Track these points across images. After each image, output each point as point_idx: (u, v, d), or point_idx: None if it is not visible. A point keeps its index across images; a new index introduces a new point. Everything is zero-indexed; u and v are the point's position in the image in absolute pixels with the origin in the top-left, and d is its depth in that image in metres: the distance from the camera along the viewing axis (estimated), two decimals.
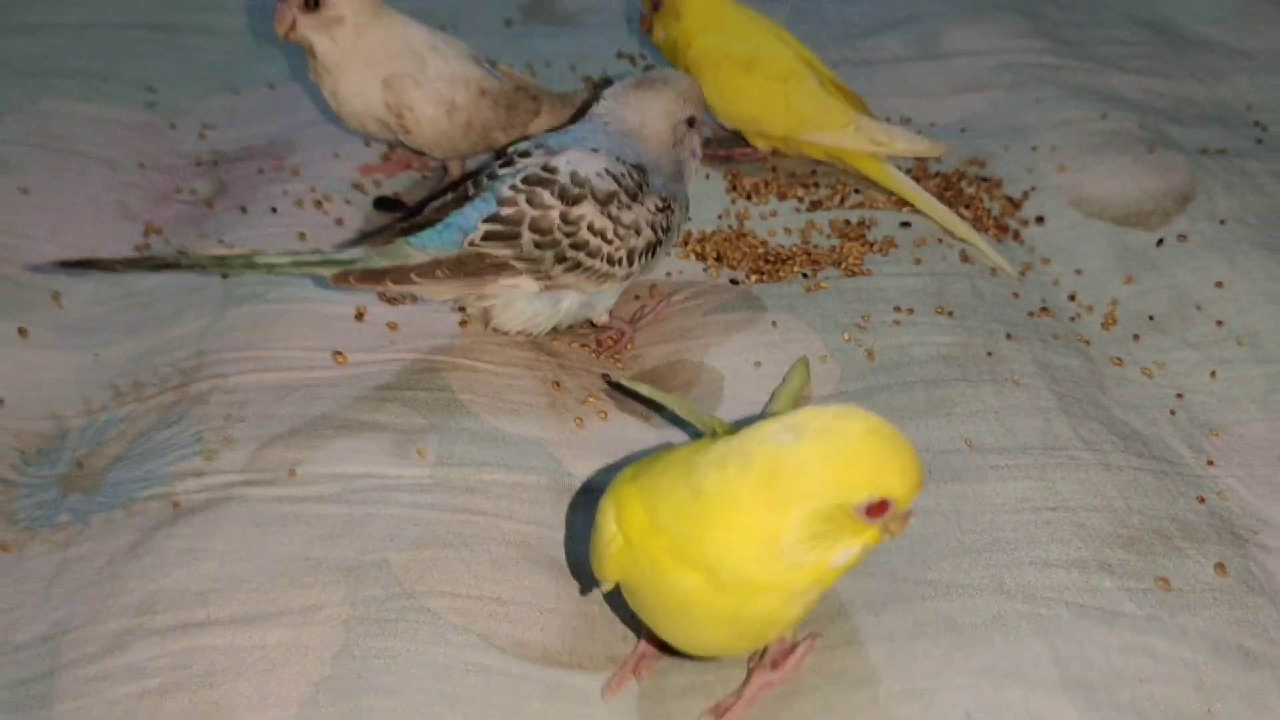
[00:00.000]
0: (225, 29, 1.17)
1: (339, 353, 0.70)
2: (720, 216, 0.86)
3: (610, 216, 0.67)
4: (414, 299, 0.75)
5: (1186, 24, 1.21)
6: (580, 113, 0.89)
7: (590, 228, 0.66)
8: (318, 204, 0.87)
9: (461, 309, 0.74)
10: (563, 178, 0.66)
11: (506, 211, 0.66)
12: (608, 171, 0.67)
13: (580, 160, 0.67)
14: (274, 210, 0.86)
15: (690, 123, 0.73)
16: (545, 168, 0.67)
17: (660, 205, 0.70)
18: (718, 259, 0.82)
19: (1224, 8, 1.23)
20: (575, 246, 0.66)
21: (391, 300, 0.75)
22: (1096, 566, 0.56)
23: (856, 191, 0.89)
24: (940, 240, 0.84)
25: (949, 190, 0.90)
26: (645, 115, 0.72)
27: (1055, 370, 0.71)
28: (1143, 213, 0.87)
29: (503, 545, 0.59)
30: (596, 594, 0.57)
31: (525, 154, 0.69)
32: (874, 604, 0.55)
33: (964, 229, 0.84)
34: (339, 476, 0.61)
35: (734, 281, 0.79)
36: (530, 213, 0.65)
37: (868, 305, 0.76)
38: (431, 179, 0.92)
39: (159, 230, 0.86)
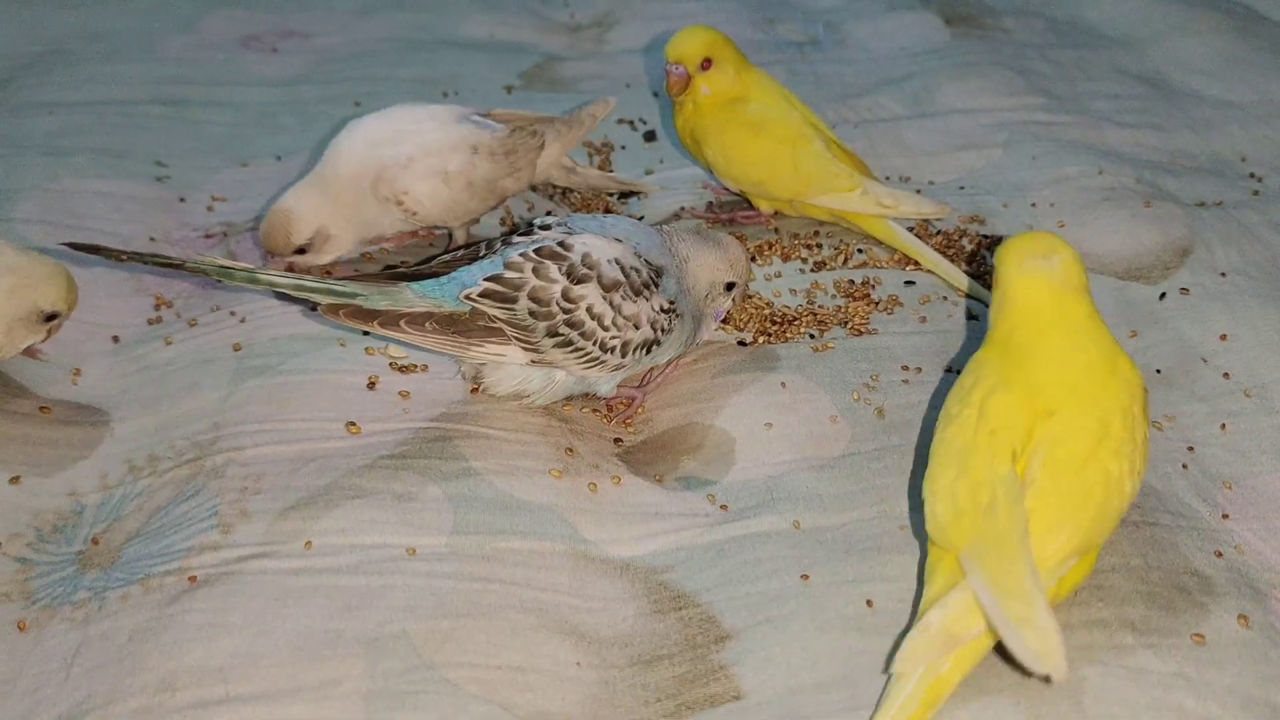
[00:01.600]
0: (232, 102, 1.18)
1: (352, 423, 0.70)
2: None
3: (612, 304, 0.68)
4: (425, 368, 0.76)
5: (1176, 76, 1.23)
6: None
7: (589, 310, 0.67)
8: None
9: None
10: (574, 256, 0.68)
11: (510, 275, 0.67)
12: (618, 261, 0.69)
13: (595, 245, 0.69)
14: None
15: (728, 287, 0.76)
16: (560, 244, 0.68)
17: (666, 307, 0.70)
18: (725, 320, 0.82)
19: (1212, 59, 1.26)
20: (570, 325, 0.67)
21: (403, 369, 0.76)
22: (1119, 625, 0.56)
23: (860, 251, 0.90)
24: (945, 298, 0.85)
25: (951, 248, 0.91)
26: (694, 255, 0.74)
27: None
28: (1143, 267, 0.88)
29: (521, 613, 0.59)
30: (617, 660, 0.57)
31: (546, 227, 0.71)
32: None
33: (969, 284, 0.85)
34: (355, 547, 0.61)
35: (741, 343, 0.80)
36: (533, 281, 0.67)
37: (876, 364, 0.76)
38: (439, 245, 0.93)
39: (170, 304, 0.87)
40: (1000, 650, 0.52)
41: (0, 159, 1.03)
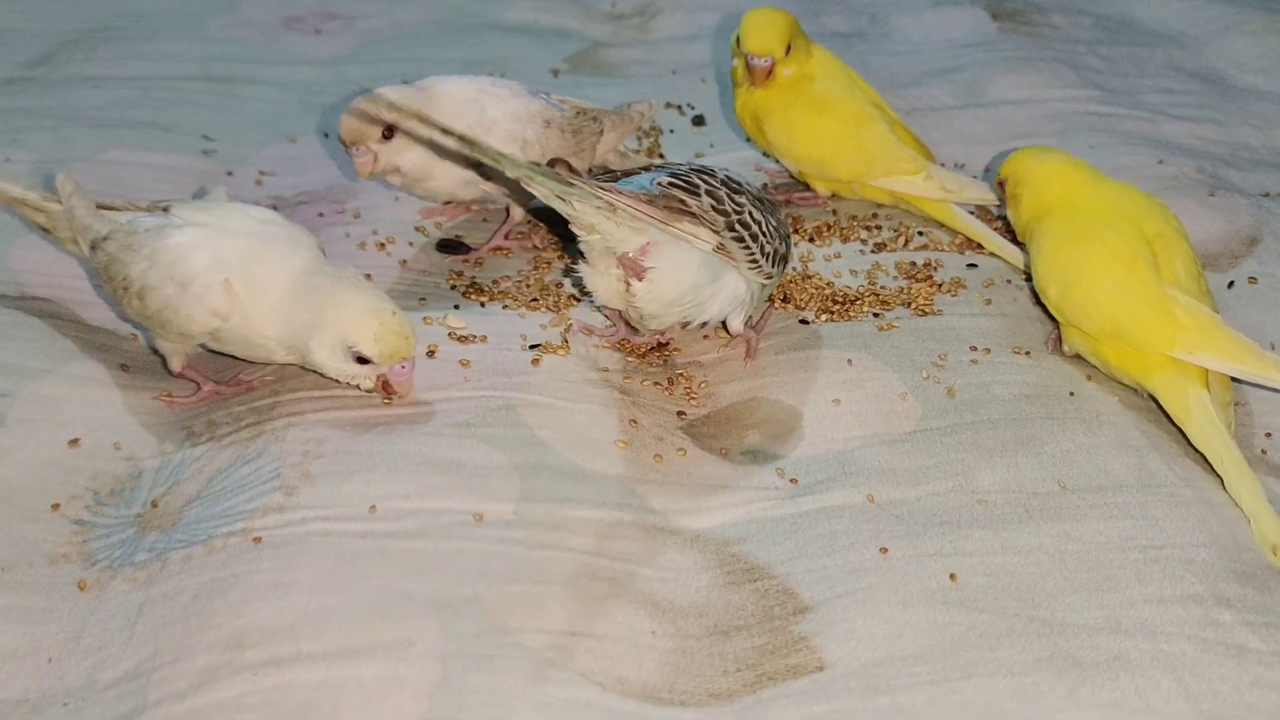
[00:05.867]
0: (278, 80, 1.18)
1: (387, 399, 0.69)
2: None
3: (762, 211, 0.72)
4: (484, 338, 0.74)
5: (1232, 74, 1.22)
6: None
7: (750, 214, 0.71)
8: (380, 246, 0.87)
9: (536, 345, 0.74)
10: (720, 174, 0.72)
11: (684, 177, 0.70)
12: (749, 185, 0.73)
13: (728, 172, 0.73)
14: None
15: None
16: (704, 167, 0.72)
17: (787, 233, 0.75)
18: (785, 299, 0.81)
19: (1268, 58, 1.24)
20: (741, 223, 0.70)
21: (462, 339, 0.75)
22: (1214, 601, 0.54)
23: (920, 234, 0.89)
24: (1009, 281, 0.83)
25: (1011, 232, 0.89)
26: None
27: (1140, 410, 0.70)
28: (1210, 255, 0.86)
29: (594, 581, 0.57)
30: (694, 630, 0.56)
31: (677, 164, 0.74)
32: (988, 639, 0.53)
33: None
34: (421, 512, 0.60)
35: (804, 321, 0.78)
36: (703, 184, 0.70)
37: (943, 345, 0.75)
38: (492, 219, 0.92)
39: None
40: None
41: (48, 130, 1.03)
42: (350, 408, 0.68)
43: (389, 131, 0.79)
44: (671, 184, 0.69)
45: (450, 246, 0.87)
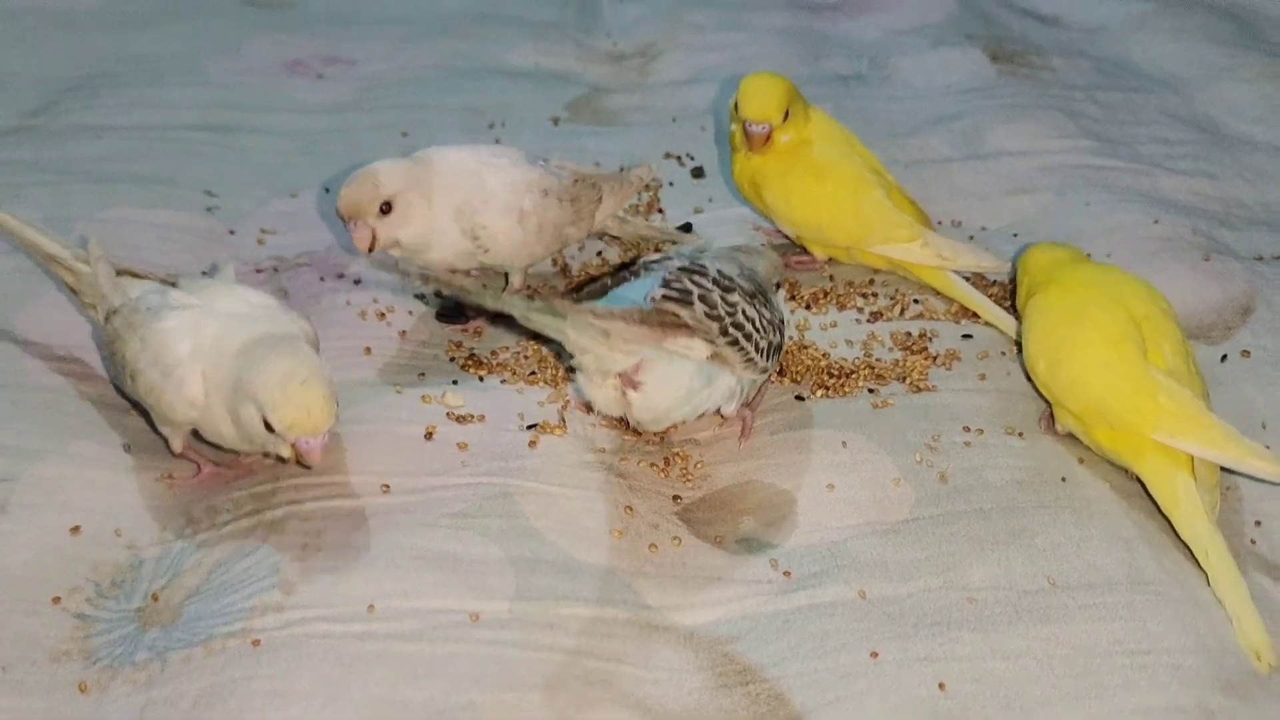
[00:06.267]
0: (279, 129, 1.18)
1: (385, 485, 0.70)
2: None
3: (755, 309, 0.73)
4: (483, 418, 0.75)
5: (1227, 122, 1.22)
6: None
7: (744, 313, 0.72)
8: (380, 315, 0.88)
9: (533, 425, 0.74)
10: (712, 271, 0.73)
11: (676, 285, 0.71)
12: (742, 276, 0.74)
13: (719, 264, 0.75)
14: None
15: (778, 286, 0.80)
16: (694, 264, 0.73)
17: (782, 320, 0.76)
18: (781, 373, 0.82)
19: (1262, 106, 1.24)
20: (735, 325, 0.71)
21: (460, 419, 0.75)
22: (1199, 713, 0.55)
23: (916, 301, 0.90)
24: (1003, 353, 0.84)
25: (1007, 300, 0.90)
26: (755, 267, 0.78)
27: (1131, 496, 0.70)
28: (1204, 326, 0.87)
29: (586, 685, 0.58)
30: None
31: (668, 258, 0.75)
32: None
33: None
34: (418, 612, 0.61)
35: (799, 397, 0.79)
36: (696, 289, 0.71)
37: (936, 424, 0.76)
38: (491, 285, 0.92)
39: None
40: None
41: (49, 186, 1.04)
42: (349, 495, 0.69)
43: (386, 206, 0.80)
44: (666, 296, 0.70)
45: (449, 315, 0.88)
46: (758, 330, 0.72)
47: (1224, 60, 1.33)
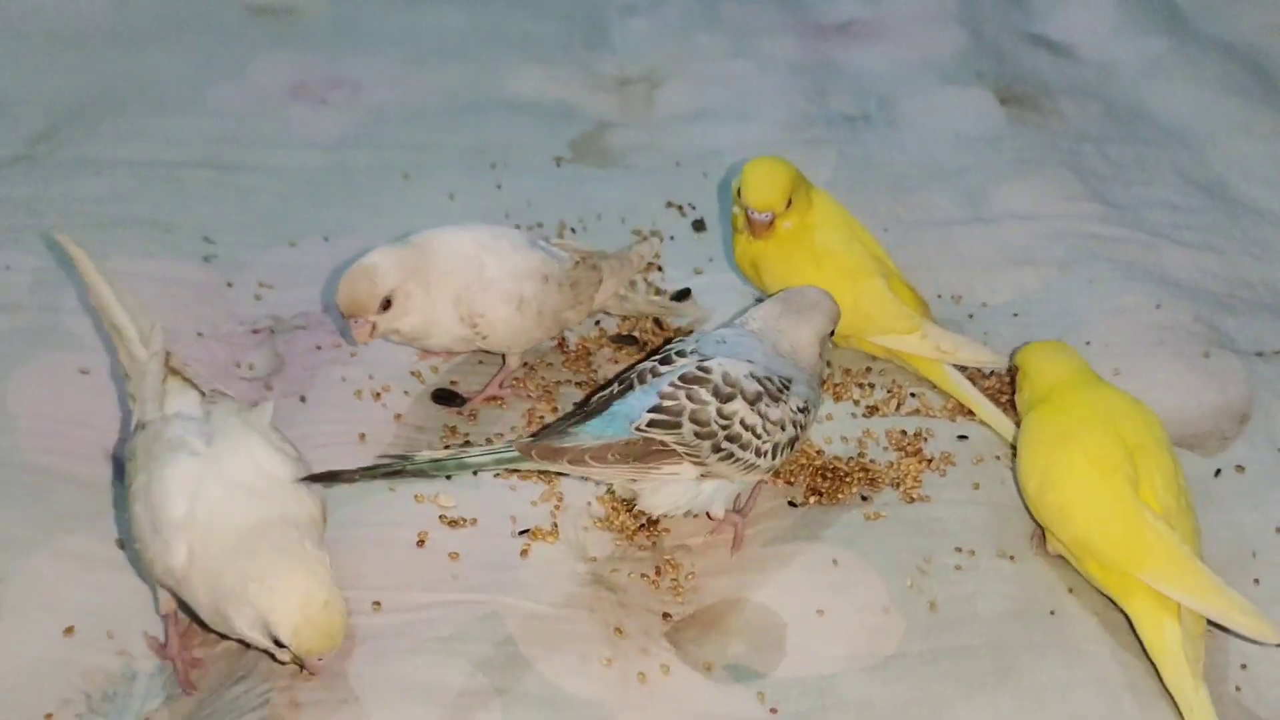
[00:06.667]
0: (281, 167, 1.17)
1: (377, 603, 0.70)
2: None
3: (759, 413, 0.72)
4: (474, 521, 0.75)
5: (1238, 185, 1.21)
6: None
7: (742, 422, 0.71)
8: (376, 395, 0.87)
9: (525, 530, 0.75)
10: (716, 378, 0.72)
11: (668, 403, 0.71)
12: (753, 375, 0.73)
13: (730, 365, 0.73)
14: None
15: (831, 334, 0.81)
16: (700, 368, 0.73)
17: (801, 407, 0.75)
18: (775, 473, 0.82)
19: (1273, 165, 1.23)
20: (730, 439, 0.71)
21: (452, 523, 0.76)
22: None
23: (913, 395, 0.89)
24: (998, 457, 0.84)
25: (1004, 394, 0.90)
26: (799, 340, 0.78)
27: (1120, 632, 0.71)
28: (1200, 434, 0.87)
29: None
30: None
31: (681, 354, 0.75)
32: None
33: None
34: None
35: (792, 503, 0.79)
36: (689, 406, 0.71)
37: (929, 542, 0.76)
38: (489, 362, 0.92)
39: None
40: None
41: (48, 230, 1.03)
42: None
43: (387, 303, 0.79)
44: (653, 423, 0.70)
45: (445, 398, 0.88)
46: (760, 435, 0.72)
47: (1239, 113, 1.32)
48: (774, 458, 0.74)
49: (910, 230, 1.11)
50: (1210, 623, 0.68)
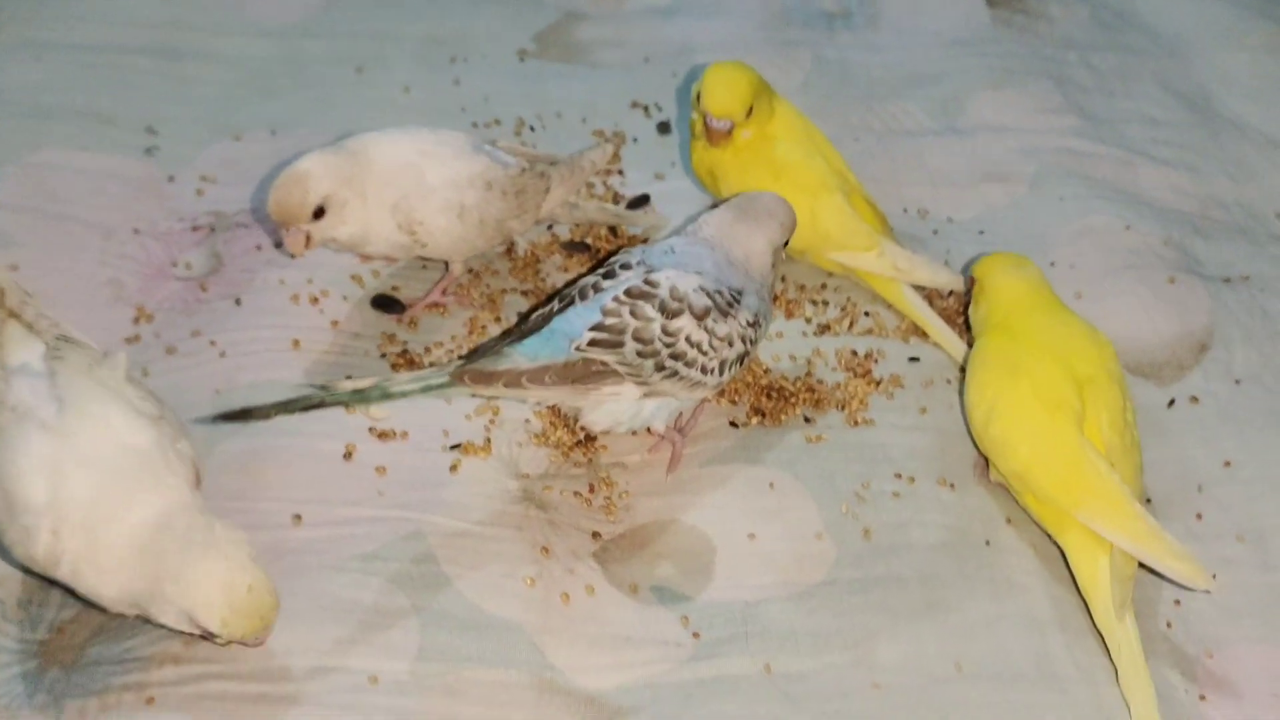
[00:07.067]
0: (229, 55, 1.12)
1: (297, 515, 0.69)
2: None
3: (706, 329, 0.70)
4: (405, 435, 0.74)
5: (1220, 97, 1.17)
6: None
7: (688, 339, 0.70)
8: (314, 300, 0.85)
9: (457, 445, 0.74)
10: (662, 292, 0.70)
11: (610, 321, 0.69)
12: (703, 289, 0.71)
13: (678, 278, 0.71)
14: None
15: (785, 244, 0.78)
16: (647, 281, 0.70)
17: (751, 320, 0.73)
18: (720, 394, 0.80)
19: (1260, 81, 1.19)
20: (674, 356, 0.70)
21: (382, 435, 0.74)
22: None
23: (866, 314, 0.87)
24: (949, 381, 0.82)
25: (960, 316, 0.88)
26: (751, 248, 0.75)
27: (1053, 564, 0.70)
28: (1157, 363, 0.85)
29: None
30: None
31: (626, 266, 0.73)
32: None
33: None
34: (318, 671, 0.61)
35: (734, 424, 0.78)
36: (633, 323, 0.69)
37: (869, 467, 0.74)
38: (431, 268, 0.89)
39: (150, 317, 0.84)
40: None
41: None
42: (260, 527, 0.67)
43: (320, 211, 0.76)
44: (594, 342, 0.68)
45: (384, 304, 0.85)
46: (706, 352, 0.70)
47: (1231, 22, 1.27)
48: (721, 374, 0.72)
49: (881, 140, 1.08)
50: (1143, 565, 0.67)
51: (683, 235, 0.76)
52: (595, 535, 0.71)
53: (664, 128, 1.09)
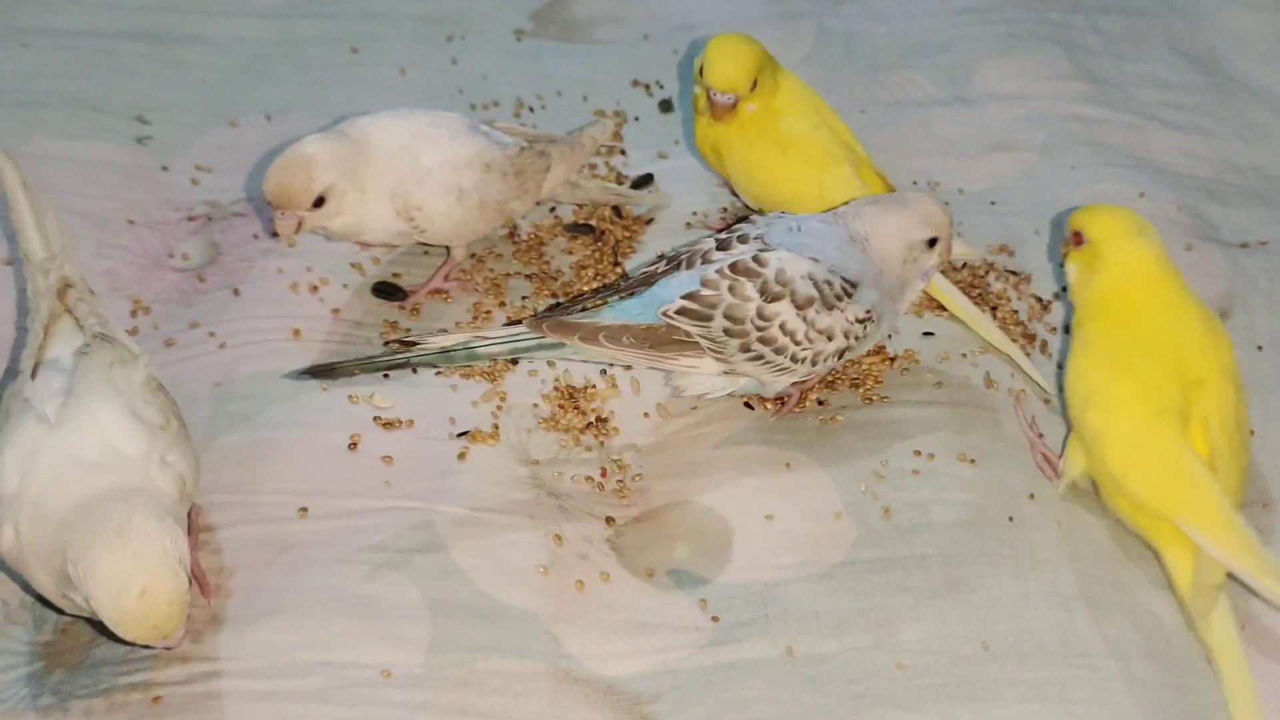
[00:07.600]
0: (222, 38, 1.10)
1: (303, 509, 0.67)
2: None
3: (805, 319, 0.68)
4: (411, 423, 0.72)
5: (1233, 60, 1.15)
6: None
7: (783, 327, 0.68)
8: (314, 288, 0.83)
9: (464, 433, 0.72)
10: (769, 273, 0.68)
11: (706, 292, 0.68)
12: (811, 277, 0.69)
13: (789, 261, 0.69)
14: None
15: (931, 243, 0.73)
16: (755, 259, 0.69)
17: (861, 317, 0.71)
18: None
19: (1272, 42, 1.17)
20: (763, 341, 0.68)
21: (387, 424, 0.72)
22: None
23: None
24: (964, 355, 0.80)
25: (975, 286, 0.86)
26: (878, 231, 0.72)
27: (1078, 542, 0.68)
28: None
29: None
30: None
31: (744, 239, 0.71)
32: None
33: (997, 336, 0.80)
34: (328, 666, 0.59)
35: (748, 404, 0.76)
36: (728, 299, 0.68)
37: (886, 445, 0.73)
38: (433, 254, 0.88)
39: (147, 309, 0.82)
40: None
41: None
42: (264, 520, 0.66)
43: (320, 200, 0.75)
44: (682, 310, 0.67)
45: (386, 291, 0.83)
46: (799, 342, 0.69)
47: None
48: (812, 366, 0.70)
49: (888, 111, 1.06)
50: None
51: (817, 216, 0.74)
52: (609, 520, 0.70)
53: (666, 106, 1.07)
